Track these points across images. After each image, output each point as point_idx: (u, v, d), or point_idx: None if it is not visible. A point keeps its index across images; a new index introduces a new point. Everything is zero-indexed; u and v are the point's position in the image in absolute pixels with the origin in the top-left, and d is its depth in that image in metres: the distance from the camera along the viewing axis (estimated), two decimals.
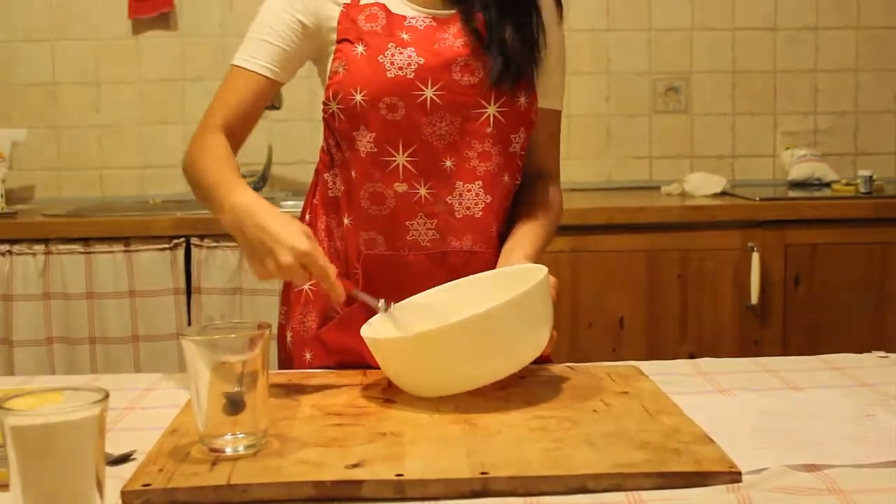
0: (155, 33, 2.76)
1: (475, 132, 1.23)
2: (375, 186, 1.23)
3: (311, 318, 1.29)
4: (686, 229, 2.36)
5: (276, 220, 1.07)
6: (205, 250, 2.27)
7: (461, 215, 1.24)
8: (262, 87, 1.23)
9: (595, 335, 2.36)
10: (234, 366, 0.88)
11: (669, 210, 2.38)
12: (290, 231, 1.05)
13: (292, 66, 1.25)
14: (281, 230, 1.05)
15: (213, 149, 1.19)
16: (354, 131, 1.22)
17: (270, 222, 1.06)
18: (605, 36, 2.84)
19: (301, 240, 1.05)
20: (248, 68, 1.23)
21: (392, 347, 1.03)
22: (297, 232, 1.05)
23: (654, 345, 2.36)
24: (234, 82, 1.23)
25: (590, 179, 2.87)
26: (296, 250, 1.04)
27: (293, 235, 1.05)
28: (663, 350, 2.35)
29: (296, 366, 1.30)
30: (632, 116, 2.88)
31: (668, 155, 2.90)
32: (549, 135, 1.33)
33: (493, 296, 1.07)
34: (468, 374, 1.01)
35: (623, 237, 2.35)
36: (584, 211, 2.34)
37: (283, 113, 2.71)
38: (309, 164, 1.33)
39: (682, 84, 2.88)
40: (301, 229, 1.06)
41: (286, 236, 1.05)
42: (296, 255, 1.04)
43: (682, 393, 1.06)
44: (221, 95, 1.23)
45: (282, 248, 1.05)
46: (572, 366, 1.18)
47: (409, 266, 1.23)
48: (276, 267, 1.05)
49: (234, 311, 2.27)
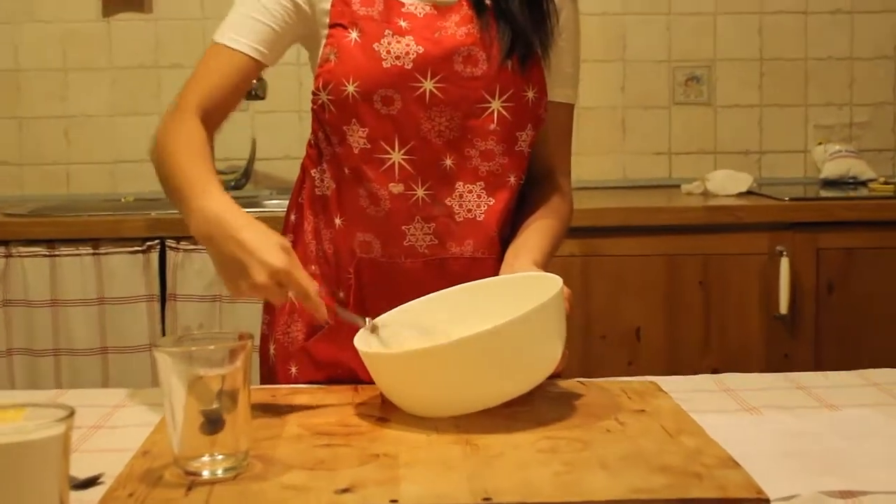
0: (127, 16, 2.75)
1: (478, 129, 1.22)
2: (368, 186, 1.23)
3: (297, 329, 1.29)
4: (708, 232, 2.35)
5: (251, 231, 1.04)
6: (181, 254, 2.27)
7: (462, 219, 1.24)
8: (245, 69, 1.22)
9: (609, 347, 2.36)
10: (213, 380, 0.88)
11: (690, 211, 2.37)
12: (265, 245, 1.03)
13: (280, 48, 1.24)
14: (255, 244, 1.02)
15: (188, 137, 1.16)
16: (345, 125, 1.22)
17: (244, 234, 1.03)
18: (620, 20, 2.84)
19: (277, 255, 1.02)
20: (233, 47, 1.21)
21: (389, 363, 1.03)
22: (274, 246, 1.03)
23: (674, 358, 2.36)
24: (215, 62, 1.21)
25: (603, 177, 2.86)
26: (271, 268, 1.02)
27: (269, 250, 1.02)
28: (684, 364, 2.35)
29: (280, 381, 1.29)
30: (649, 108, 2.88)
31: (689, 150, 2.89)
32: (561, 131, 1.33)
33: (496, 306, 1.07)
34: (471, 395, 1.01)
35: (639, 240, 2.34)
36: (596, 211, 2.33)
37: (268, 103, 2.71)
38: (296, 159, 1.32)
39: (705, 73, 2.88)
40: (278, 243, 1.04)
41: (261, 251, 1.02)
42: (271, 272, 1.02)
43: (704, 411, 1.06)
44: (200, 75, 1.22)
45: (256, 264, 1.02)
46: (584, 381, 1.18)
47: (406, 274, 1.23)
48: (249, 286, 1.03)
49: (212, 320, 2.27)
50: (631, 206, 2.39)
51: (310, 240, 1.29)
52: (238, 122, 2.72)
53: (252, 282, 1.02)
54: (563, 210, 1.31)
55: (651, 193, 2.72)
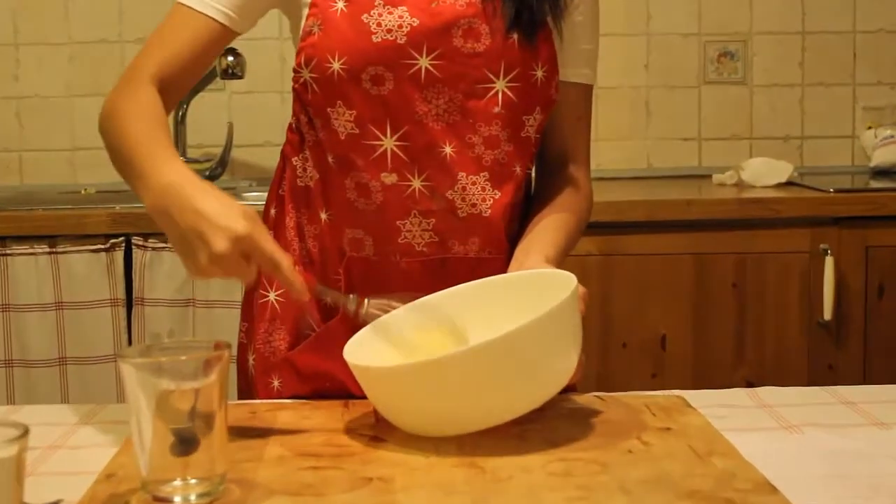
0: None
1: (480, 112, 1.22)
2: (357, 177, 1.23)
3: (280, 337, 1.29)
4: (743, 228, 2.35)
5: (210, 198, 1.02)
6: (149, 252, 2.27)
7: (465, 214, 1.24)
8: (212, 36, 1.22)
9: (631, 357, 2.36)
10: (185, 395, 0.88)
11: (722, 204, 2.37)
12: (225, 211, 1.01)
13: (253, 13, 1.24)
14: (214, 211, 1.01)
15: (142, 107, 1.16)
16: (330, 107, 1.22)
17: (202, 203, 1.02)
18: None
19: (239, 221, 1.00)
20: (197, 9, 1.21)
21: (383, 377, 1.03)
22: (235, 212, 1.01)
23: (704, 370, 2.36)
24: (177, 25, 1.21)
25: (624, 166, 2.86)
26: (232, 233, 0.99)
27: (229, 216, 1.01)
28: (715, 376, 2.35)
29: (261, 395, 1.29)
30: (676, 88, 2.88)
31: (722, 136, 2.89)
32: (577, 116, 1.33)
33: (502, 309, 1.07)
34: (476, 412, 1.01)
35: (665, 237, 2.34)
36: (617, 205, 2.33)
37: (247, 83, 2.71)
38: (278, 146, 1.33)
39: (739, 48, 2.88)
40: (241, 209, 1.02)
41: (220, 217, 1.00)
42: (233, 239, 0.99)
43: (738, 429, 1.06)
44: (159, 39, 1.21)
45: (215, 231, 1.00)
46: (602, 395, 1.18)
47: (402, 275, 1.23)
48: (208, 259, 1.00)
49: (185, 327, 2.27)
50: (655, 199, 2.39)
51: (292, 237, 1.29)
52: (213, 104, 2.73)
53: (211, 252, 1.00)
54: (579, 204, 1.31)
55: (678, 184, 2.71)
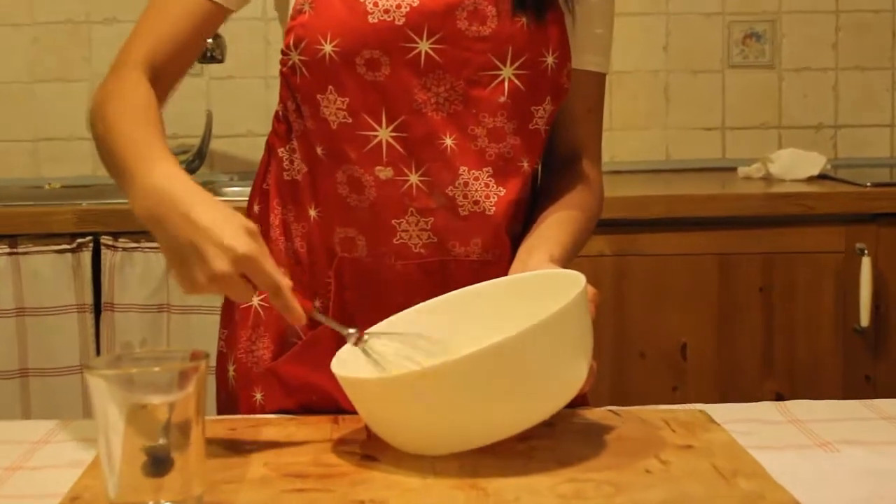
0: None
1: (485, 101, 1.22)
2: (349, 170, 1.23)
3: (263, 345, 1.29)
4: (771, 226, 2.35)
5: (209, 210, 1.03)
6: (119, 253, 2.27)
7: (466, 212, 1.24)
8: (204, 16, 1.23)
9: (648, 368, 2.36)
10: (159, 410, 0.88)
11: (749, 199, 2.37)
12: (227, 226, 1.02)
13: None
14: (214, 225, 1.02)
15: (132, 97, 1.16)
16: (320, 93, 1.22)
17: (200, 213, 1.03)
18: None
19: (241, 239, 1.02)
20: None
21: (375, 389, 1.03)
22: (238, 228, 1.02)
23: (729, 381, 2.36)
24: (166, 6, 1.22)
25: (641, 158, 2.86)
26: (234, 253, 1.01)
27: (231, 232, 1.02)
28: (741, 389, 2.35)
29: (242, 409, 1.29)
30: (698, 73, 2.88)
31: (748, 125, 2.89)
32: (589, 107, 1.33)
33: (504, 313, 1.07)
34: (477, 427, 1.00)
35: (686, 236, 2.34)
36: (632, 200, 2.34)
37: (228, 67, 2.71)
38: (261, 136, 1.32)
39: (767, 29, 2.88)
40: (243, 224, 1.03)
41: (221, 233, 1.01)
42: (234, 259, 1.01)
43: (766, 447, 1.06)
44: (147, 23, 1.22)
45: (214, 249, 1.01)
46: (617, 410, 1.18)
47: (397, 279, 1.23)
48: (206, 277, 1.02)
49: (158, 335, 2.27)
50: (675, 194, 2.39)
51: (277, 236, 1.29)
52: (190, 90, 2.73)
53: (210, 271, 1.01)
54: (589, 201, 1.31)
55: (700, 178, 2.71)
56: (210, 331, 2.18)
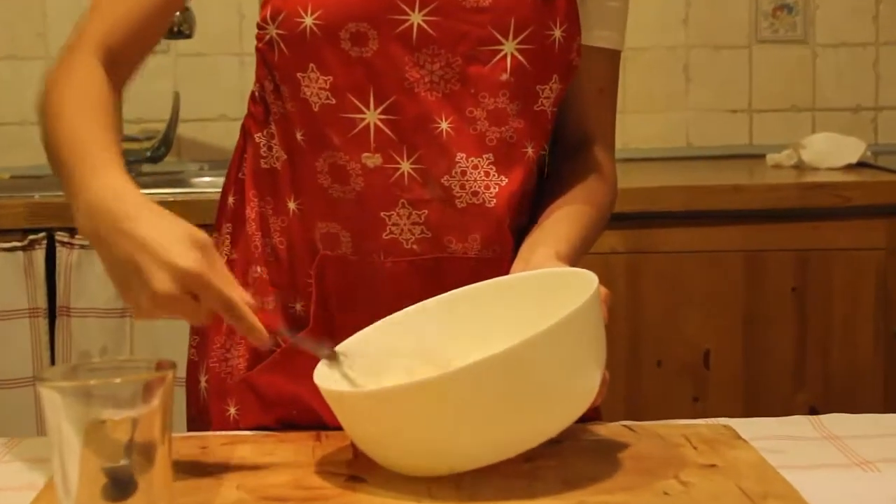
0: None
1: (484, 80, 1.22)
2: (333, 157, 1.23)
3: (238, 353, 1.29)
4: (804, 219, 2.36)
5: (152, 224, 1.02)
6: (76, 251, 2.27)
7: (464, 204, 1.24)
8: None
9: (667, 378, 2.36)
10: (120, 426, 0.87)
11: (779, 190, 2.38)
12: (168, 239, 1.01)
13: None
14: (155, 239, 1.00)
15: (82, 88, 1.17)
16: (301, 71, 1.22)
17: (139, 226, 1.02)
18: None
19: (185, 254, 1.00)
20: None
21: (363, 403, 1.03)
22: (181, 241, 1.01)
23: (756, 393, 2.36)
24: None
25: (658, 144, 2.87)
26: (177, 271, 0.99)
27: (173, 246, 1.00)
28: (770, 401, 2.35)
29: (214, 425, 1.30)
30: (722, 49, 2.88)
31: (778, 107, 2.89)
32: (601, 88, 1.33)
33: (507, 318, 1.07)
34: (477, 445, 1.00)
35: (708, 231, 2.35)
36: (649, 191, 2.34)
37: (197, 43, 2.70)
38: (235, 121, 1.32)
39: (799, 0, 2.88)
40: (188, 235, 1.02)
41: (162, 248, 1.00)
42: (177, 277, 0.99)
43: (799, 466, 1.06)
44: (103, 2, 1.22)
45: (154, 268, 1.00)
46: (632, 425, 1.18)
47: (387, 279, 1.23)
48: (149, 300, 1.01)
49: (121, 342, 2.27)
50: (697, 185, 2.39)
51: (253, 231, 1.30)
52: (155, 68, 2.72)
53: (151, 292, 1.00)
54: (600, 193, 1.31)
55: (724, 166, 2.71)
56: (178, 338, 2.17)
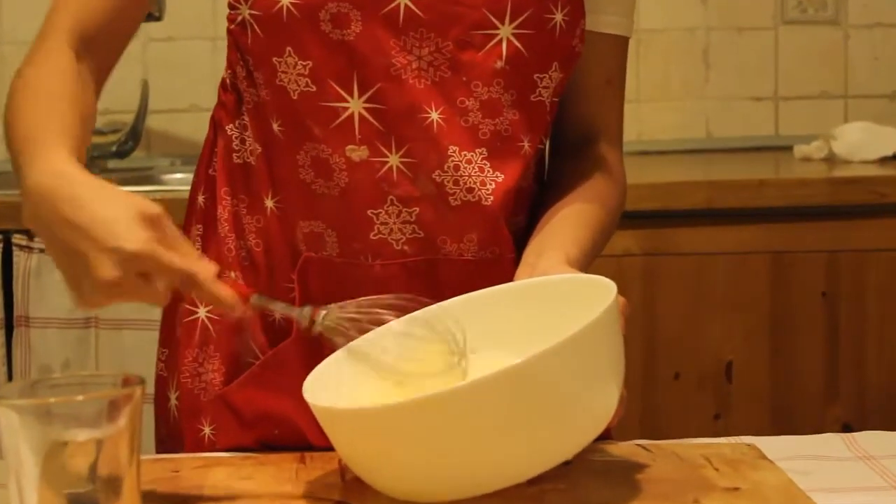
0: None
1: (477, 67, 1.23)
2: (314, 150, 1.23)
3: (213, 367, 1.29)
4: (836, 217, 2.36)
5: (96, 206, 1.01)
6: (35, 255, 2.27)
7: (458, 202, 1.24)
8: None
9: (685, 392, 2.36)
10: (84, 448, 0.87)
11: (808, 186, 2.38)
12: (115, 222, 1.00)
13: None
14: (96, 220, 1.00)
15: (47, 76, 1.17)
16: (276, 56, 1.22)
17: (84, 211, 1.01)
18: None
19: (132, 234, 0.99)
20: None
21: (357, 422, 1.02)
22: (129, 222, 1.00)
23: (784, 408, 2.37)
24: None
25: (675, 136, 2.86)
26: (121, 253, 0.99)
27: (116, 226, 0.99)
28: (799, 417, 2.35)
29: (187, 446, 1.30)
30: (745, 31, 2.88)
31: (806, 94, 2.90)
32: (608, 78, 1.34)
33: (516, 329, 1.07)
34: (482, 469, 1.00)
35: (731, 231, 2.35)
36: (665, 187, 2.34)
37: (166, 27, 2.71)
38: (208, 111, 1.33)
39: None
40: (139, 214, 1.00)
41: (106, 232, 0.99)
42: (121, 261, 0.99)
43: (830, 489, 1.06)
44: None
45: (97, 254, 0.99)
46: (647, 444, 1.18)
47: (374, 283, 1.23)
48: (93, 288, 1.00)
49: (84, 356, 2.27)
50: (717, 180, 2.39)
51: (226, 232, 1.30)
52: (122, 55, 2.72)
53: (96, 280, 1.00)
54: (609, 192, 1.32)
55: (748, 160, 2.72)
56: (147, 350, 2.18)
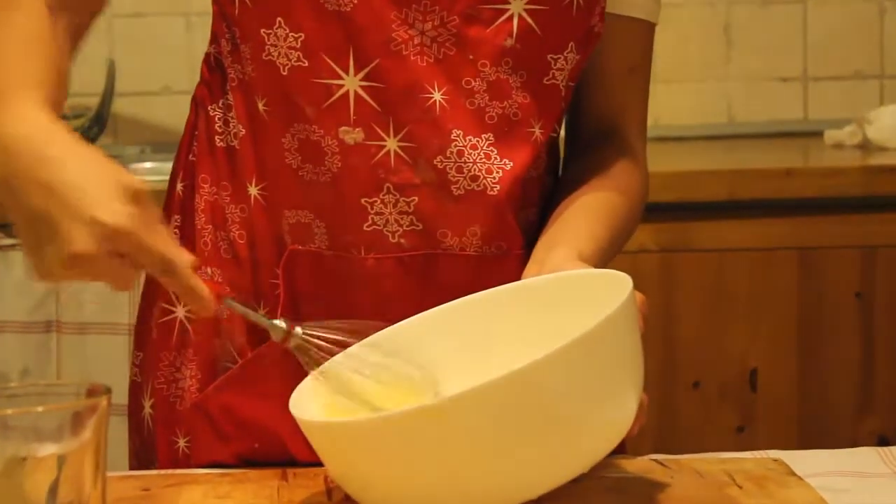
0: None
1: (485, 45, 1.23)
2: (304, 132, 1.23)
3: (190, 372, 1.30)
4: (871, 210, 2.36)
5: (74, 167, 1.02)
6: None
7: (461, 191, 1.24)
8: None
9: (706, 402, 2.36)
10: (44, 465, 0.88)
11: (840, 175, 2.38)
12: (96, 189, 1.00)
13: None
14: (78, 188, 1.00)
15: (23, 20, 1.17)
16: (265, 27, 1.22)
17: (60, 172, 1.01)
18: None
19: (113, 206, 0.99)
20: None
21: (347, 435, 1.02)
22: (109, 190, 1.00)
23: (813, 419, 2.37)
24: None
25: (695, 120, 2.87)
26: (101, 227, 0.98)
27: (99, 197, 0.99)
28: (831, 429, 2.36)
29: (161, 461, 1.30)
30: (770, 4, 2.88)
31: (838, 74, 2.90)
32: (632, 65, 1.35)
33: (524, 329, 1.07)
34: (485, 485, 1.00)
35: (755, 225, 2.35)
36: (683, 178, 2.35)
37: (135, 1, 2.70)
38: (183, 94, 1.32)
39: None
40: (122, 185, 1.01)
41: (85, 200, 0.99)
42: (102, 236, 0.99)
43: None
44: None
45: (72, 223, 0.99)
46: (663, 459, 1.19)
47: (368, 279, 1.24)
48: (60, 260, 1.00)
49: (46, 361, 2.27)
50: (741, 168, 2.40)
51: (203, 224, 1.30)
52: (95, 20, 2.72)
53: (65, 253, 0.99)
54: (630, 181, 1.32)
55: (774, 146, 2.72)
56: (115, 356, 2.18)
